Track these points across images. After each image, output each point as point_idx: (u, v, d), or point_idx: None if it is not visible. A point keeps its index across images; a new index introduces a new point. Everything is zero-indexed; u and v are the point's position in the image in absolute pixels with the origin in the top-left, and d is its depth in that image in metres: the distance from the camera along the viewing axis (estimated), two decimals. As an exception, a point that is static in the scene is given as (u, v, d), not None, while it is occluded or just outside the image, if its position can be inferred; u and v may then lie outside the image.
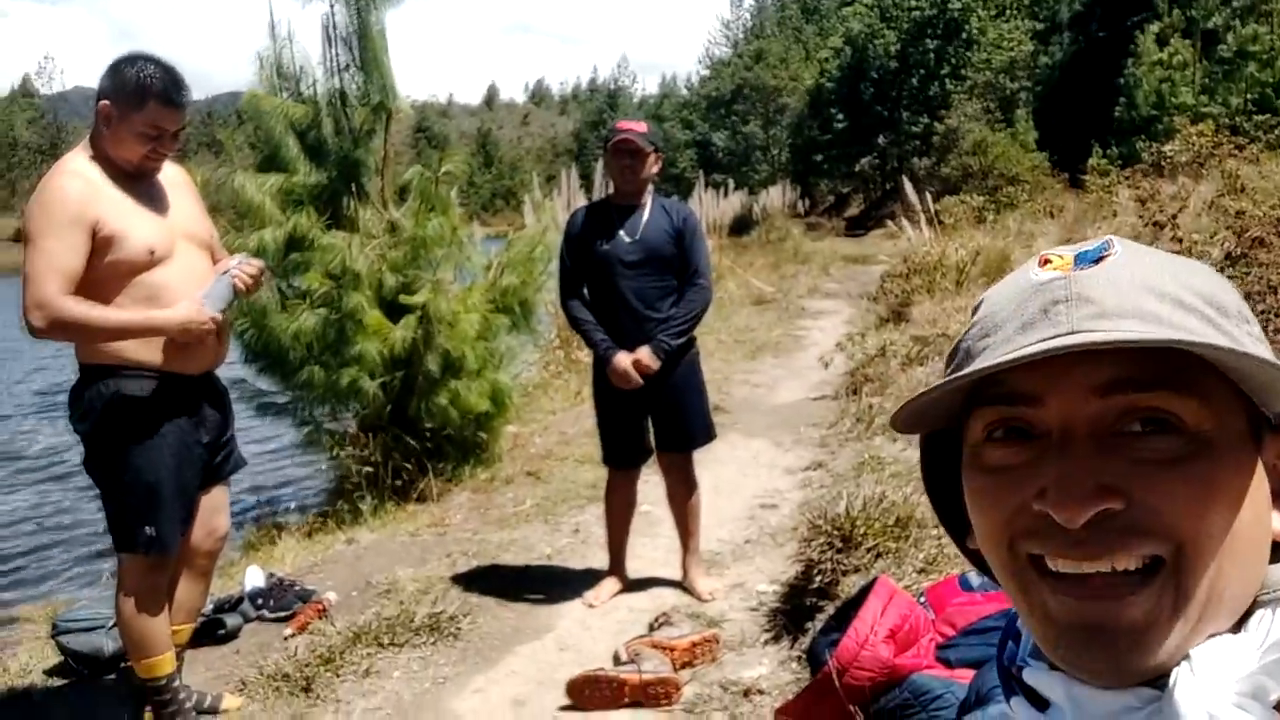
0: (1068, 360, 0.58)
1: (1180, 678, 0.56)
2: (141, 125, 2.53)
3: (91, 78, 2.80)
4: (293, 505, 5.73)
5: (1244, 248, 4.92)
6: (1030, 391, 0.59)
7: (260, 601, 3.78)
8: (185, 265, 2.65)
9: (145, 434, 2.60)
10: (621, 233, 3.57)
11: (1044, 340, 0.58)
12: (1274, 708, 0.55)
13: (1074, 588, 0.58)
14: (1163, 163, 14.15)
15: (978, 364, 0.60)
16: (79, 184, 2.49)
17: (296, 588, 3.89)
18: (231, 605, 3.71)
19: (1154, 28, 19.26)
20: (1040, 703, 0.64)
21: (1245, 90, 16.63)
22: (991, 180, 19.70)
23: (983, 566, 0.70)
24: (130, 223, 2.53)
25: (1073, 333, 0.58)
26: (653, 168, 3.58)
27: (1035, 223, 13.82)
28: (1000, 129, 24.97)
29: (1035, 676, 0.64)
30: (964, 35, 30.23)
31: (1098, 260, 0.61)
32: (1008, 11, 30.76)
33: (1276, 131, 14.96)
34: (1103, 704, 0.59)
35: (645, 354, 3.51)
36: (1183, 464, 0.56)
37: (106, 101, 2.53)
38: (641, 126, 3.59)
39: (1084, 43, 24.96)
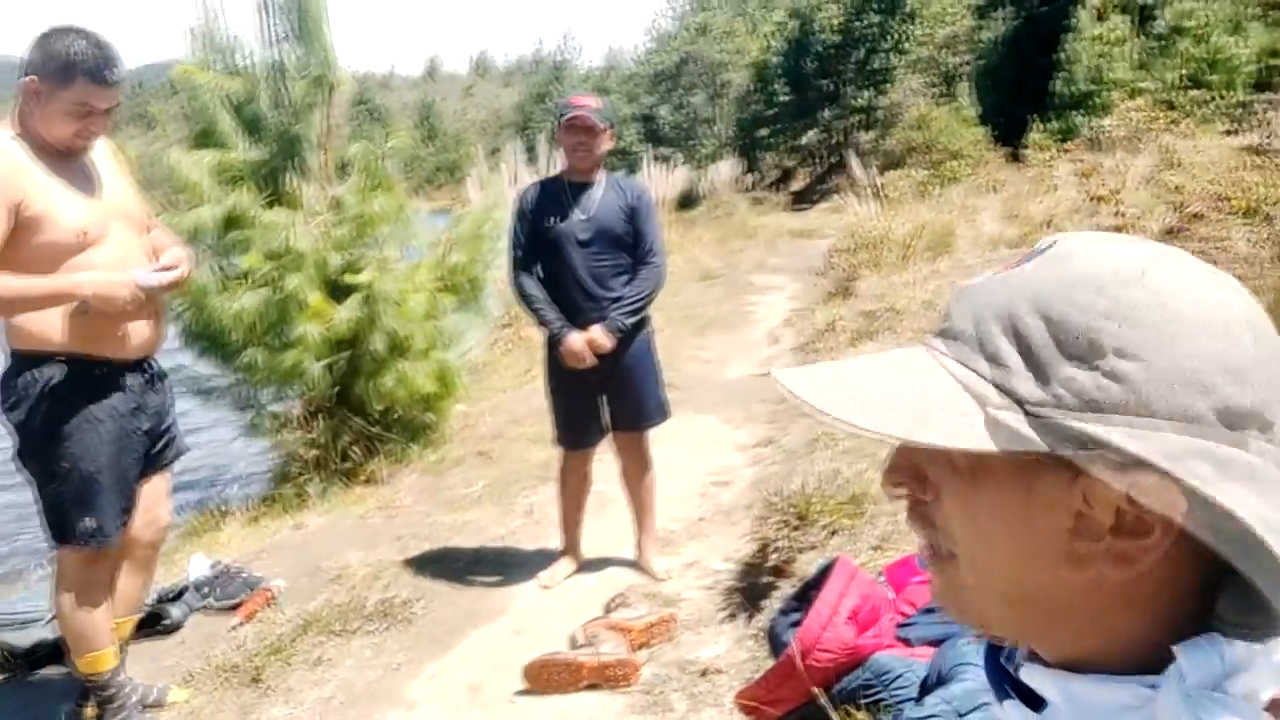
0: None
1: (1171, 676, 0.55)
2: (70, 103, 2.41)
3: (13, 46, 2.64)
4: (236, 490, 5.61)
5: (1183, 222, 5.02)
6: None
7: (205, 590, 3.69)
8: (119, 247, 2.54)
9: (81, 422, 2.50)
10: (574, 210, 3.52)
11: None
12: (1265, 709, 0.54)
13: None
14: (1100, 137, 14.41)
15: None
16: (2, 162, 2.37)
17: (243, 575, 3.80)
18: (175, 595, 3.61)
19: (1093, 2, 19.52)
20: (1035, 703, 0.64)
21: (1179, 66, 16.95)
22: (934, 154, 19.88)
23: None
24: (59, 203, 2.41)
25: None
26: (606, 144, 3.53)
27: (978, 197, 13.97)
28: (942, 103, 25.18)
29: (1031, 675, 0.63)
30: (906, 9, 30.40)
31: (1029, 259, 0.60)
32: (949, -15, 30.99)
33: (1209, 106, 15.29)
34: (1098, 700, 0.58)
35: (599, 333, 3.47)
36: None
37: (34, 77, 2.40)
38: (595, 102, 3.52)
39: (1023, 17, 25.21)
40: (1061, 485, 0.55)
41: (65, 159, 2.49)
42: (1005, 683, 0.67)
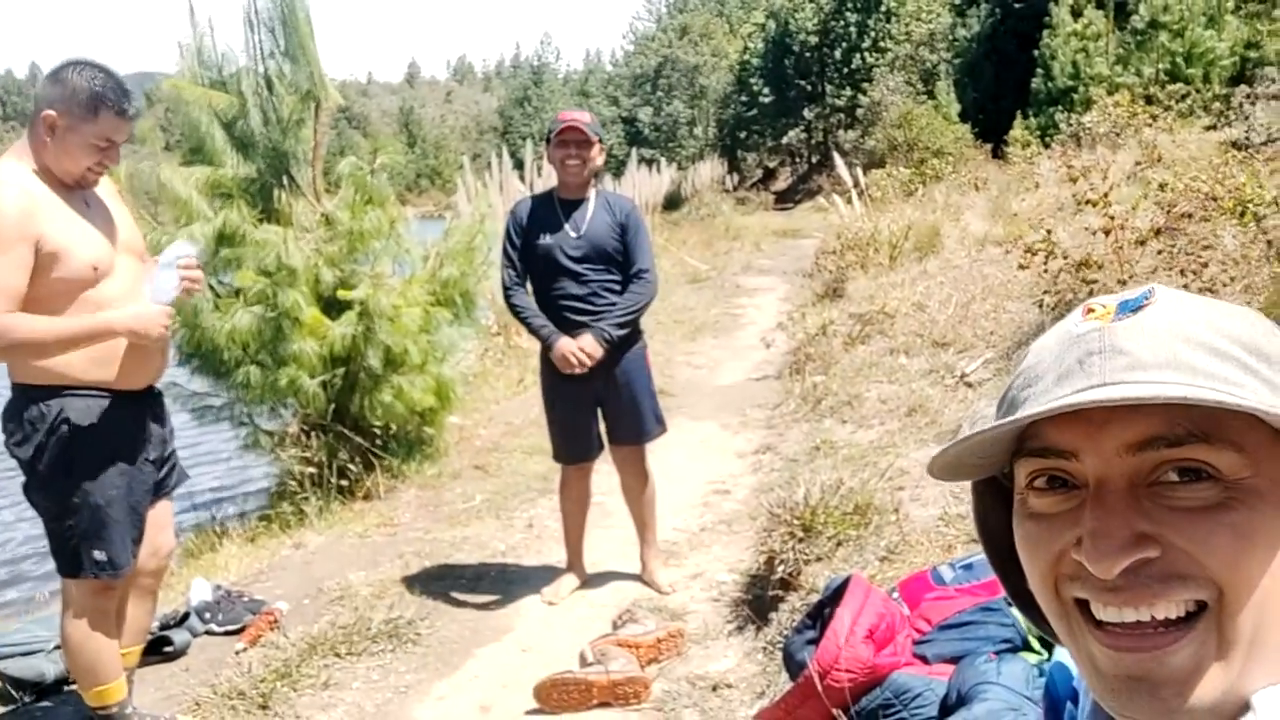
0: (1101, 415, 0.59)
1: None
2: (93, 136, 2.40)
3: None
4: (233, 510, 5.56)
5: (1172, 221, 5.05)
6: (1066, 445, 0.61)
7: (208, 615, 3.66)
8: (127, 279, 2.53)
9: (93, 455, 2.49)
10: (566, 227, 3.52)
11: (1076, 392, 0.59)
12: None
13: (1118, 639, 0.59)
14: (1081, 133, 14.51)
15: (1018, 414, 0.61)
16: (20, 196, 2.34)
17: (245, 598, 3.78)
18: (177, 621, 3.58)
19: (1068, -1, 19.66)
20: None
21: (1157, 60, 17.08)
22: (917, 153, 19.99)
23: (1035, 617, 0.70)
24: (73, 238, 2.40)
25: (1104, 384, 0.58)
26: (597, 160, 3.53)
27: (962, 195, 14.05)
28: (922, 101, 25.31)
29: None
30: (883, 8, 30.57)
31: (1138, 309, 0.62)
32: (925, -16, 31.14)
33: (1188, 101, 15.41)
34: None
35: (588, 341, 3.47)
36: (1219, 511, 0.57)
37: (53, 112, 2.39)
38: (586, 116, 3.53)
39: (1000, 14, 25.37)
40: None
41: (73, 192, 2.47)
42: None
